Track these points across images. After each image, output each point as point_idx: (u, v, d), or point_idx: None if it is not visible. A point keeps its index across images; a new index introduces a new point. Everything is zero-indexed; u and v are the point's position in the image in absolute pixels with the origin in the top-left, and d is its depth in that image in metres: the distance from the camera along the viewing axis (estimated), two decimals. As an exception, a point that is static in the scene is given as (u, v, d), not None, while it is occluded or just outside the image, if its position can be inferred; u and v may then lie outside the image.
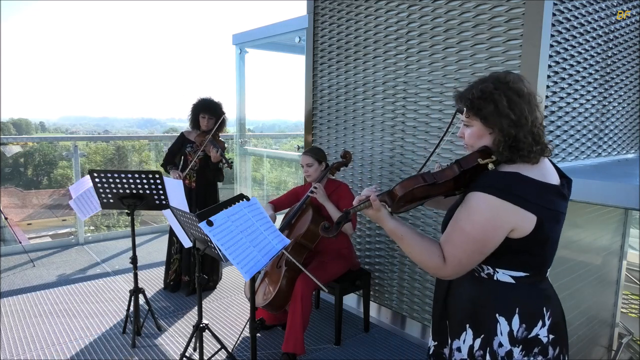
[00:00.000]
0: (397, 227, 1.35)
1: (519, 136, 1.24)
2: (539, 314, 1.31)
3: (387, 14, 3.12)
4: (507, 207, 1.21)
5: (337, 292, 3.01)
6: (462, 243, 1.26)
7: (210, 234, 1.95)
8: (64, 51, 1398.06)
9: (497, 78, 1.29)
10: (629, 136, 3.37)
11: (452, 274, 1.30)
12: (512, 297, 1.30)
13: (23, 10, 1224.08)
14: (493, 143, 1.29)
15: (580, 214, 2.77)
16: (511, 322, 1.30)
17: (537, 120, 1.28)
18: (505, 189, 1.22)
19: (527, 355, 1.30)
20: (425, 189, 1.33)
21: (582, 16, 2.61)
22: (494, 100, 1.25)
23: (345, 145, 3.55)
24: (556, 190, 1.29)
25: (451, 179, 1.31)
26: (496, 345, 1.31)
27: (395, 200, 1.35)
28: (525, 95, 1.26)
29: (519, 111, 1.25)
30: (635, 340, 3.52)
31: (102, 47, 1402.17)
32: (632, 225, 3.41)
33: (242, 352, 2.95)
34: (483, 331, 1.33)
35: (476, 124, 1.31)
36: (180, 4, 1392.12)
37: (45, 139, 9.25)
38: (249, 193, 5.73)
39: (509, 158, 1.27)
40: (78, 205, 3.09)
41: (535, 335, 1.30)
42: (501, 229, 1.23)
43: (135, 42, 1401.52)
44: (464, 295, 1.39)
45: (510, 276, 1.31)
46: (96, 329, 3.22)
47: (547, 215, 1.25)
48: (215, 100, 3.77)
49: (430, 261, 1.30)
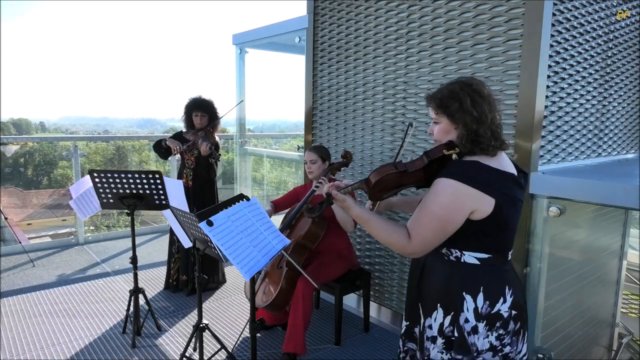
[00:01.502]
0: (362, 212, 1.54)
1: (480, 131, 1.43)
2: (501, 291, 1.46)
3: (387, 14, 3.12)
4: (469, 190, 1.38)
5: (337, 292, 3.01)
6: (428, 222, 1.42)
7: (210, 234, 1.95)
8: (64, 51, 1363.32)
9: (462, 81, 1.49)
10: (629, 136, 3.37)
11: (416, 251, 1.46)
12: (477, 277, 1.46)
13: (23, 10, 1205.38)
14: (457, 137, 1.47)
15: (580, 214, 2.77)
16: (476, 299, 1.45)
17: (496, 119, 1.47)
18: (466, 174, 1.40)
19: (490, 330, 1.45)
20: (397, 177, 1.50)
21: (582, 16, 2.61)
22: (459, 99, 1.44)
23: (345, 145, 3.55)
24: (513, 178, 1.47)
25: (421, 168, 1.48)
26: (462, 321, 1.46)
27: (371, 186, 1.51)
28: (485, 97, 1.46)
29: (480, 109, 1.43)
30: (635, 340, 3.52)
31: (102, 47, 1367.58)
32: (632, 225, 3.41)
33: (242, 352, 2.95)
34: (452, 309, 1.48)
35: (444, 120, 1.49)
36: (180, 4, 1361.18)
37: (45, 139, 9.25)
38: (249, 193, 5.73)
39: (470, 150, 1.45)
40: (78, 205, 3.09)
41: (497, 311, 1.45)
42: (463, 210, 1.40)
43: (136, 42, 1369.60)
44: (436, 277, 1.54)
45: (476, 258, 1.47)
46: (96, 329, 3.22)
47: (505, 200, 1.41)
48: (206, 98, 3.81)
49: (395, 239, 1.47)
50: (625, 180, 2.17)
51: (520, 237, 2.46)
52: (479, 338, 1.45)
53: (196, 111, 3.73)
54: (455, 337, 1.48)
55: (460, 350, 1.47)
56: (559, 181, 2.31)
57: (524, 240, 2.45)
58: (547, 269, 2.47)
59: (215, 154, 3.62)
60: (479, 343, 1.45)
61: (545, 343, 2.59)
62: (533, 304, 2.50)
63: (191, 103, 3.77)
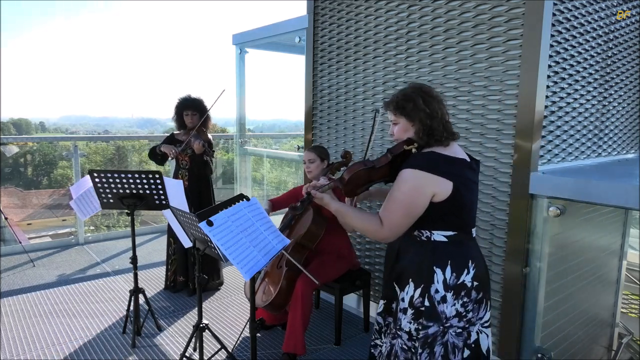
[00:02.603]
0: (340, 206, 1.77)
1: (434, 125, 1.66)
2: (465, 264, 1.67)
3: (387, 14, 3.12)
4: (427, 176, 1.59)
5: (337, 292, 3.01)
6: (396, 208, 1.63)
7: (210, 234, 1.94)
8: (64, 51, 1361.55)
9: (413, 85, 1.74)
10: (629, 136, 3.37)
11: (389, 235, 1.67)
12: (446, 252, 1.67)
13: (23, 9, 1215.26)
14: (415, 133, 1.69)
15: (580, 214, 2.77)
16: (445, 272, 1.65)
17: (445, 115, 1.70)
18: (425, 163, 1.61)
19: (457, 299, 1.66)
20: (367, 173, 1.72)
21: (582, 16, 2.61)
22: (413, 100, 1.68)
23: (345, 145, 3.55)
24: (465, 163, 1.70)
25: (386, 164, 1.71)
26: (433, 292, 1.66)
27: (345, 183, 1.73)
28: (434, 97, 1.70)
29: (431, 107, 1.67)
30: (635, 340, 3.52)
31: (102, 47, 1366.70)
32: (632, 225, 3.41)
33: (242, 352, 2.95)
34: (423, 282, 1.67)
35: (402, 120, 1.71)
36: (180, 4, 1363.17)
37: (45, 139, 9.25)
38: (249, 193, 5.72)
39: (427, 142, 1.68)
40: (78, 205, 3.09)
41: (462, 282, 1.66)
42: (424, 194, 1.60)
43: (136, 42, 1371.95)
44: (410, 257, 1.73)
45: (443, 235, 1.68)
46: (96, 329, 3.22)
47: (460, 182, 1.63)
48: (194, 97, 3.81)
49: (370, 226, 1.68)
50: (625, 180, 2.18)
51: (520, 237, 2.47)
52: (447, 306, 1.65)
53: (186, 110, 3.73)
54: (425, 306, 1.66)
55: (431, 319, 1.66)
56: (559, 181, 2.31)
57: (524, 240, 2.45)
58: (547, 269, 2.47)
59: (209, 150, 3.62)
60: (447, 311, 1.65)
61: (545, 343, 2.59)
62: (533, 304, 2.50)
63: (181, 103, 3.77)
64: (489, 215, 2.62)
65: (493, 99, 2.55)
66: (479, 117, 2.63)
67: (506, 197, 2.53)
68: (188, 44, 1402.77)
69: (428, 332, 1.66)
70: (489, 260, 2.62)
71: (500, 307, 2.60)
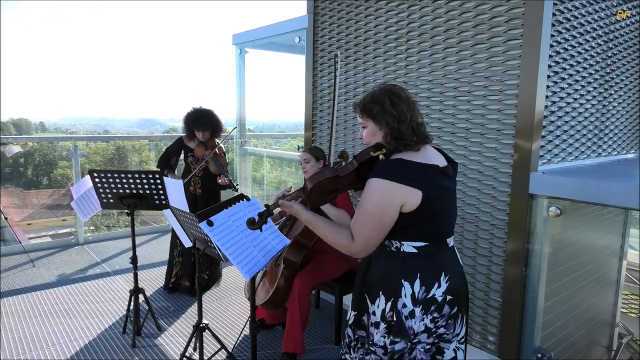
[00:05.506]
0: (310, 217, 1.64)
1: (402, 129, 1.57)
2: (436, 277, 1.58)
3: (387, 14, 3.12)
4: (395, 186, 1.50)
5: (337, 292, 3.01)
6: (365, 220, 1.54)
7: (211, 234, 1.95)
8: (64, 51, 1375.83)
9: (382, 87, 1.65)
10: (629, 136, 3.37)
11: (361, 249, 1.57)
12: (415, 265, 1.58)
13: (23, 9, 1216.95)
14: (383, 137, 1.61)
15: (580, 214, 2.77)
16: (413, 285, 1.57)
17: (416, 118, 1.61)
18: (392, 172, 1.52)
19: (426, 314, 1.57)
20: (331, 182, 1.60)
21: (582, 16, 2.61)
22: (379, 102, 1.60)
23: (345, 145, 3.55)
24: (438, 170, 1.59)
25: (352, 171, 1.60)
26: (400, 306, 1.57)
27: (307, 192, 1.60)
28: (404, 99, 1.61)
29: (399, 109, 1.58)
30: (635, 340, 3.53)
31: (102, 47, 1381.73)
32: (632, 225, 3.41)
33: (242, 352, 2.95)
34: (392, 295, 1.59)
35: (369, 123, 1.63)
36: (180, 4, 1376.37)
37: (45, 139, 9.25)
38: (249, 193, 5.73)
39: (395, 147, 1.59)
40: (79, 206, 3.09)
41: (432, 296, 1.57)
42: (393, 204, 1.52)
43: (135, 42, 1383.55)
44: (379, 267, 1.65)
45: (413, 247, 1.59)
46: (96, 329, 3.22)
47: (430, 190, 1.54)
48: (206, 111, 3.77)
49: (341, 240, 1.58)
50: (625, 180, 2.18)
51: (520, 237, 2.47)
52: (415, 322, 1.57)
53: (197, 128, 3.70)
54: (394, 321, 1.58)
55: (399, 335, 1.58)
56: (559, 181, 2.31)
57: (524, 240, 2.45)
58: (547, 269, 2.48)
59: (233, 184, 3.64)
60: (415, 326, 1.57)
61: (545, 343, 2.59)
62: (533, 304, 2.50)
63: (191, 119, 3.72)
64: (489, 215, 2.62)
65: (493, 99, 2.55)
66: (479, 117, 2.63)
67: (506, 197, 2.53)
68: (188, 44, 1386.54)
69: (394, 348, 1.58)
70: (488, 261, 2.63)
71: (500, 307, 2.60)
